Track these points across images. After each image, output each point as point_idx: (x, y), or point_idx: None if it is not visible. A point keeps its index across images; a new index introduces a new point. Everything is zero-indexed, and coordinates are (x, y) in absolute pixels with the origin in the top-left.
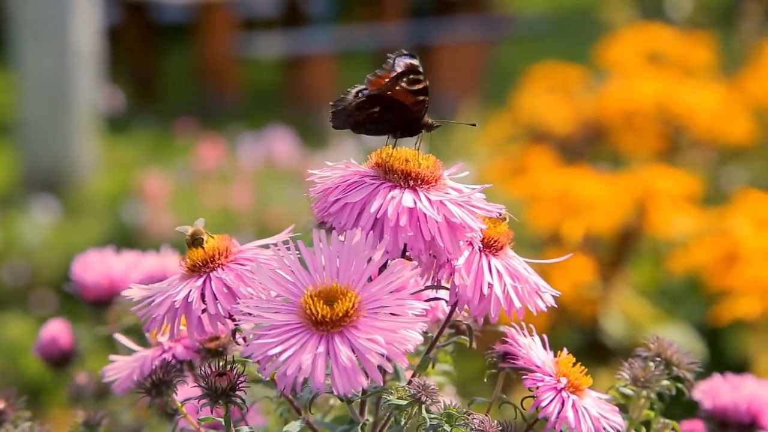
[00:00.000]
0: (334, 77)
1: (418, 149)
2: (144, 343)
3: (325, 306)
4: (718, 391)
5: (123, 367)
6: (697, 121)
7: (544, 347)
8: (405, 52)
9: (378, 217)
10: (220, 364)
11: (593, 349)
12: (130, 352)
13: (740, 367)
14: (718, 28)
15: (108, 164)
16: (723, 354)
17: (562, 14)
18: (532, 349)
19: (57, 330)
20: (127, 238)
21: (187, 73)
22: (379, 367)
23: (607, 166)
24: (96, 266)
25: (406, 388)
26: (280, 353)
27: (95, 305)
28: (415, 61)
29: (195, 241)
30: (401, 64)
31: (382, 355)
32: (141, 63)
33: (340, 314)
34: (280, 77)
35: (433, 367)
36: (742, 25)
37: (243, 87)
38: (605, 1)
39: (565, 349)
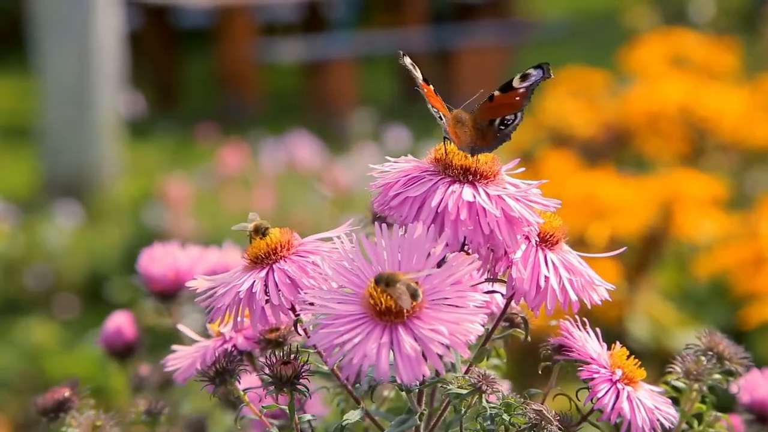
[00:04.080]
0: (355, 82)
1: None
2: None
3: (388, 297)
4: (756, 385)
5: (184, 356)
6: (721, 125)
7: (598, 340)
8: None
9: (438, 211)
10: (283, 353)
11: None
12: (191, 343)
13: None
14: (741, 33)
15: (130, 169)
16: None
17: (583, 19)
18: (587, 341)
19: (122, 321)
20: (150, 243)
21: (208, 78)
22: (440, 357)
23: (631, 169)
24: (162, 259)
25: (466, 378)
26: (346, 342)
27: (161, 297)
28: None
29: (260, 231)
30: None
31: (446, 346)
32: (162, 68)
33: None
34: (301, 82)
35: (487, 359)
36: (765, 30)
37: (264, 92)
38: (628, 7)
39: (617, 343)
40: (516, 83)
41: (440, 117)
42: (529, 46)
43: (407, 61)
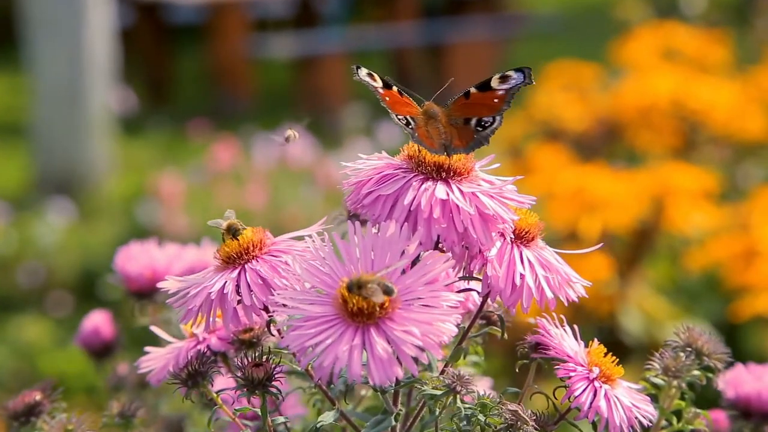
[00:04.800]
0: (347, 77)
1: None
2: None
3: (360, 298)
4: (741, 381)
5: (158, 358)
6: (712, 118)
7: (575, 338)
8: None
9: (411, 209)
10: (256, 355)
11: (611, 347)
12: (166, 344)
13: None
14: (733, 25)
15: (122, 166)
16: (741, 352)
17: (574, 12)
18: (563, 339)
19: (99, 321)
20: (142, 239)
21: (200, 74)
22: (414, 358)
23: (623, 163)
24: (139, 257)
25: (441, 378)
26: (317, 345)
27: (138, 296)
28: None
29: (232, 232)
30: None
31: (418, 347)
32: (154, 64)
33: (376, 306)
34: (293, 78)
35: (464, 358)
36: (757, 22)
37: (256, 88)
38: (619, 0)
39: (595, 340)
40: (495, 84)
41: (407, 123)
42: (521, 40)
43: (363, 73)
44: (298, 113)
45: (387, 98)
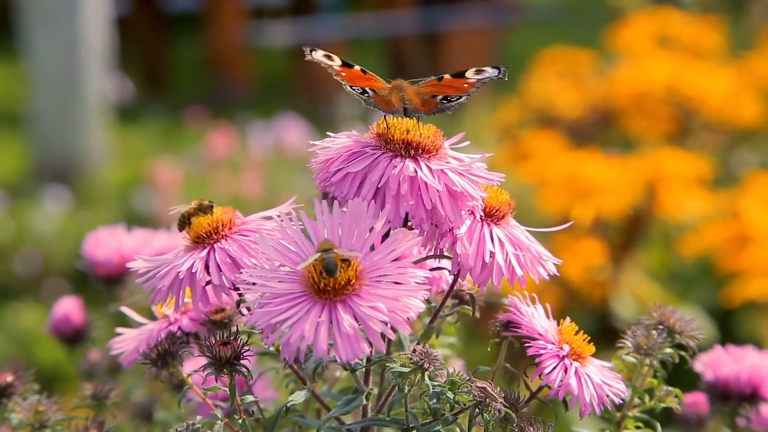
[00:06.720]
0: None
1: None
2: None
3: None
4: (720, 363)
5: (130, 339)
6: (707, 104)
7: (547, 316)
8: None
9: (379, 186)
10: (225, 334)
11: (604, 333)
12: (138, 326)
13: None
14: (728, 12)
15: (118, 154)
16: (734, 336)
17: (571, 0)
18: (534, 317)
19: (69, 307)
20: (139, 227)
21: (196, 62)
22: (383, 336)
23: (617, 149)
24: (107, 243)
25: (409, 356)
26: (284, 321)
27: (106, 282)
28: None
29: (203, 209)
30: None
31: (385, 323)
32: (150, 53)
33: (343, 282)
34: (290, 66)
35: (437, 337)
36: (752, 9)
37: (253, 76)
38: None
39: (567, 318)
40: (469, 75)
41: (363, 92)
42: (517, 28)
43: (318, 54)
44: (294, 101)
45: (343, 74)
